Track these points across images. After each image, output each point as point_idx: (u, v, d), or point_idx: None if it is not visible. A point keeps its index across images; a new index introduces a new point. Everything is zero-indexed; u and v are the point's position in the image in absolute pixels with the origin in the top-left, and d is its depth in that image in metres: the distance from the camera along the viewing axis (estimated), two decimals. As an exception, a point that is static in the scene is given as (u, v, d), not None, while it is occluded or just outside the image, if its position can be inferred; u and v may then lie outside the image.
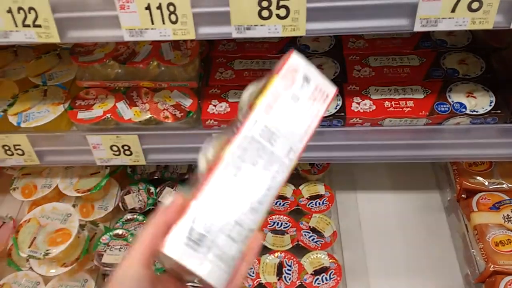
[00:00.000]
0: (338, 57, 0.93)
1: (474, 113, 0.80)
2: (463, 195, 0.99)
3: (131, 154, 0.89)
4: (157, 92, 0.88)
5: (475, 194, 0.96)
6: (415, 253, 1.02)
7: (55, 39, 0.65)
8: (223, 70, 0.93)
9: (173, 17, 0.62)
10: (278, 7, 0.59)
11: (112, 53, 0.86)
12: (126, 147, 0.89)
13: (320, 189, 1.07)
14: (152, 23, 0.62)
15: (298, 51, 0.96)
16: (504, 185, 0.96)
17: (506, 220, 0.90)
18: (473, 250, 0.90)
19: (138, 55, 0.86)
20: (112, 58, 0.86)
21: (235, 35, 0.62)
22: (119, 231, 0.98)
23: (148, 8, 0.61)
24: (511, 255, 0.84)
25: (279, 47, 0.96)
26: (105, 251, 0.94)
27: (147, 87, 0.88)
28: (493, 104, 0.81)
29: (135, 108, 0.86)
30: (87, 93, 0.90)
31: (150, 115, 0.85)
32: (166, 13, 0.61)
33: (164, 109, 0.85)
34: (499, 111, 0.80)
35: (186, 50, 0.86)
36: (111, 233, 0.98)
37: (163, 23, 0.62)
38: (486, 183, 0.97)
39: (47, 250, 0.87)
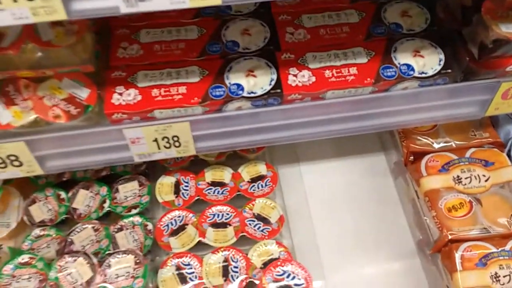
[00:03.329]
0: (267, 18, 0.78)
1: (423, 75, 0.71)
2: (410, 158, 0.93)
3: (21, 164, 0.71)
4: (41, 83, 0.68)
5: (422, 156, 0.90)
6: (365, 223, 0.97)
7: None
8: (127, 44, 0.74)
9: (27, -10, 0.42)
10: (179, -33, 0.43)
11: (-33, 38, 0.64)
12: (12, 158, 0.69)
13: (262, 169, 0.96)
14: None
15: (218, 13, 0.80)
16: (451, 143, 0.91)
17: (457, 182, 0.85)
18: (425, 218, 0.86)
19: (6, 37, 0.64)
20: (-31, 44, 0.64)
21: (124, 10, 0.45)
22: (25, 258, 0.81)
23: (-16, -22, 0.41)
24: (465, 220, 0.81)
25: (195, 9, 0.78)
26: (9, 284, 0.77)
27: (26, 77, 0.68)
28: (442, 62, 0.72)
29: (14, 107, 0.66)
30: None
31: (35, 116, 0.66)
32: (15, -16, 0.42)
33: (54, 105, 0.66)
34: (449, 71, 0.72)
35: (71, 25, 0.66)
36: (15, 261, 0.80)
37: (15, 0, 0.43)
38: (434, 144, 0.91)
39: None
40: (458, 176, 0.86)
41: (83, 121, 0.68)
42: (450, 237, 0.79)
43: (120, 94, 0.68)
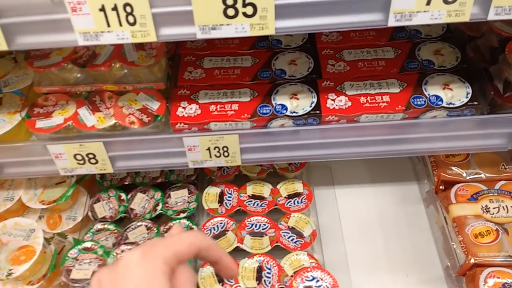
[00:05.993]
0: (312, 51, 0.89)
1: (451, 105, 0.79)
2: (441, 187, 0.98)
3: (97, 162, 0.84)
4: (121, 96, 0.83)
5: (453, 185, 0.95)
6: (395, 247, 1.02)
7: (2, 46, 0.59)
8: (192, 69, 0.88)
9: (130, 18, 0.57)
10: (244, 5, 0.55)
11: (70, 56, 0.80)
12: (91, 156, 0.83)
13: (298, 187, 1.04)
14: (108, 25, 0.57)
15: (270, 46, 0.93)
16: (482, 175, 0.96)
17: (485, 211, 0.89)
18: (452, 243, 0.90)
19: (99, 57, 0.80)
20: (71, 61, 0.80)
21: (199, 36, 0.58)
22: (88, 244, 0.93)
23: (102, 9, 0.56)
24: (491, 247, 0.84)
25: (251, 42, 0.92)
26: (73, 266, 0.89)
27: (110, 90, 0.83)
28: (469, 95, 0.79)
29: (98, 113, 0.81)
30: (46, 100, 0.84)
31: (114, 121, 0.80)
32: (122, 14, 0.56)
33: (130, 113, 0.80)
34: (475, 103, 0.79)
35: (151, 50, 0.80)
36: (79, 246, 0.93)
37: (120, 25, 0.57)
38: (464, 174, 0.96)
39: (10, 270, 0.82)
40: (486, 206, 0.90)
41: (152, 128, 0.81)
42: (474, 261, 0.83)
43: (184, 108, 0.81)
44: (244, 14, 0.56)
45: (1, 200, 0.99)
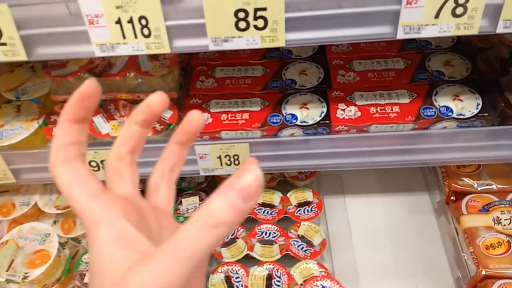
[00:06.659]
0: (322, 62, 0.91)
1: (461, 116, 0.79)
2: (452, 198, 0.98)
3: (111, 169, 0.86)
4: (135, 105, 0.85)
5: (464, 196, 0.95)
6: (406, 257, 1.01)
7: (22, 57, 0.62)
8: (204, 78, 0.90)
9: (145, 31, 0.59)
10: (255, 18, 0.57)
11: (86, 66, 0.82)
12: (105, 162, 0.85)
13: (308, 195, 1.05)
14: (124, 37, 0.59)
15: (281, 56, 0.94)
16: (493, 186, 0.95)
17: (496, 222, 0.89)
18: (463, 254, 0.89)
19: (114, 66, 0.83)
20: (87, 71, 0.82)
21: (212, 47, 0.60)
22: (102, 249, 0.95)
23: (118, 22, 0.58)
24: (502, 259, 0.83)
25: (261, 53, 0.93)
26: (87, 270, 0.91)
27: (124, 99, 0.85)
28: (479, 106, 0.80)
29: (112, 121, 0.83)
30: (63, 108, 0.86)
31: (128, 129, 0.81)
32: (138, 27, 0.58)
33: (143, 122, 0.82)
34: (486, 114, 0.79)
35: (165, 60, 0.83)
36: (93, 251, 0.95)
37: (136, 37, 0.59)
38: (475, 185, 0.96)
39: (26, 273, 0.84)
40: (498, 217, 0.90)
41: (165, 137, 0.83)
42: (485, 273, 0.82)
43: (195, 116, 0.83)
44: (255, 27, 0.57)
45: (18, 204, 1.02)
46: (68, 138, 0.34)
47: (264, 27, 0.58)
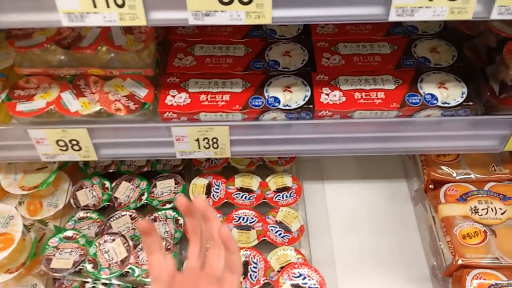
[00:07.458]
0: (307, 43, 0.87)
1: (446, 105, 0.77)
2: (430, 186, 0.97)
3: (80, 149, 0.81)
4: (108, 81, 0.79)
5: (442, 185, 0.95)
6: (382, 244, 1.01)
7: (-22, 23, 0.56)
8: (183, 56, 0.85)
9: (119, 0, 0.53)
10: (240, -9, 0.52)
11: (54, 37, 0.76)
12: (74, 142, 0.80)
13: (288, 181, 1.03)
14: (95, 6, 0.54)
15: (264, 35, 0.90)
16: (472, 175, 0.95)
17: (474, 212, 0.89)
18: (440, 243, 0.89)
19: (85, 39, 0.76)
20: (55, 42, 0.76)
21: (192, 21, 0.55)
22: (69, 233, 0.90)
23: (88, -12, 0.52)
24: (478, 248, 0.84)
25: (244, 31, 0.89)
26: (54, 255, 0.87)
27: (96, 75, 0.79)
28: (464, 95, 0.78)
29: (82, 98, 0.77)
30: (28, 82, 0.80)
31: (100, 107, 0.76)
32: (110, -6, 0.53)
33: (116, 100, 0.77)
34: (470, 103, 0.77)
35: (140, 34, 0.77)
36: (60, 235, 0.90)
37: (108, 6, 0.54)
38: (454, 174, 0.96)
39: (-14, 258, 0.79)
40: (475, 207, 0.90)
41: (139, 116, 0.78)
42: (461, 262, 0.82)
43: (173, 96, 0.78)
44: (240, 1, 0.53)
45: (-21, 184, 0.95)
46: None
47: (250, 2, 0.53)
